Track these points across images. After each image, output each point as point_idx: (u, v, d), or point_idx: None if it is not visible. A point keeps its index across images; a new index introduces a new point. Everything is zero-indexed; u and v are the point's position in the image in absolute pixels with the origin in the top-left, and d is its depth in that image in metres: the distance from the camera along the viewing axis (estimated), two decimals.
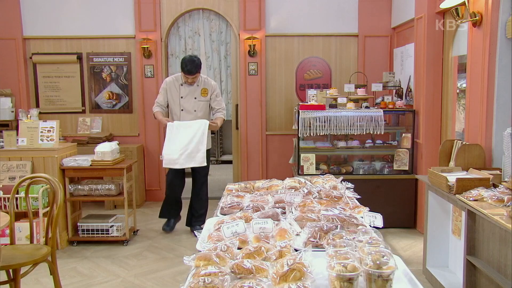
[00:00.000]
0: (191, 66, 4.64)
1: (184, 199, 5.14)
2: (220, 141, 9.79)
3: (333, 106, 5.11)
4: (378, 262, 1.63)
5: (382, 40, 6.11)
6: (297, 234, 2.10)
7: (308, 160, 5.06)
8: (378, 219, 2.24)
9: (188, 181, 5.07)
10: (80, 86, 6.34)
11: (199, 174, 4.91)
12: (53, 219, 3.20)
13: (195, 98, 4.80)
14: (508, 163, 3.16)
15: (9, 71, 6.21)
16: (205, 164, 4.69)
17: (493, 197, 2.83)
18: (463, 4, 3.68)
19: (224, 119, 4.93)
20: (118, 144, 4.90)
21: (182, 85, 4.79)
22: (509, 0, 3.37)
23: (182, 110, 4.80)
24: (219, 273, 1.64)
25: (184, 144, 4.58)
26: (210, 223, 2.36)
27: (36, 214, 4.17)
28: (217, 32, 6.35)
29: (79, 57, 6.27)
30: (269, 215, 2.28)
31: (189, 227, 5.05)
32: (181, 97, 4.80)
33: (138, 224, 5.26)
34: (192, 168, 4.81)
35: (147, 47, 6.07)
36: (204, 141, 4.65)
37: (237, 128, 6.39)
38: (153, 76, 6.20)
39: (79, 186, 4.61)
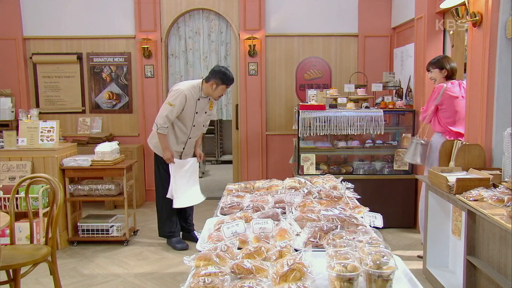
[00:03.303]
0: (232, 75, 4.37)
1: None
2: (220, 141, 9.80)
3: (333, 106, 5.11)
4: (378, 262, 1.63)
5: (382, 40, 6.11)
6: (297, 234, 2.10)
7: (308, 160, 5.07)
8: (378, 219, 2.24)
9: None
10: (80, 86, 6.34)
11: None
12: (53, 219, 3.20)
13: (205, 112, 4.47)
14: (508, 163, 3.16)
15: (9, 71, 6.21)
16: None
17: (493, 197, 2.83)
18: (463, 4, 3.68)
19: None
20: (118, 144, 4.90)
21: (199, 99, 4.35)
22: (509, 0, 3.36)
23: (194, 126, 4.43)
24: (219, 273, 1.64)
25: (184, 184, 4.43)
26: (210, 223, 2.36)
27: (36, 214, 4.17)
28: (217, 32, 6.35)
29: (79, 57, 6.27)
30: (269, 215, 2.28)
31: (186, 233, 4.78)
32: (196, 113, 4.39)
33: (138, 224, 5.26)
34: None
35: (147, 47, 6.07)
36: (198, 178, 4.59)
37: (237, 128, 6.39)
38: (153, 76, 6.20)
39: (79, 186, 4.61)
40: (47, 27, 6.22)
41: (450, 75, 4.13)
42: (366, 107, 5.05)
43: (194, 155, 4.64)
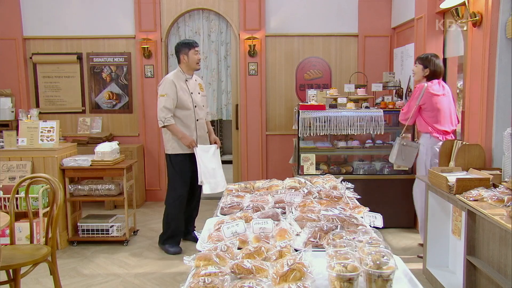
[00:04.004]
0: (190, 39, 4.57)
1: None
2: (220, 141, 9.78)
3: (333, 106, 5.11)
4: (378, 262, 1.63)
5: (382, 40, 6.11)
6: (297, 234, 2.10)
7: (308, 160, 5.06)
8: (378, 219, 2.24)
9: None
10: (80, 86, 6.34)
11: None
12: (53, 219, 3.20)
13: (199, 93, 4.49)
14: (508, 163, 3.16)
15: (9, 71, 6.21)
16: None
17: (493, 197, 2.83)
18: (463, 4, 3.68)
19: None
20: (118, 144, 4.90)
21: (187, 80, 4.40)
22: (509, 0, 3.37)
23: (195, 106, 4.40)
24: (219, 273, 1.64)
25: (212, 167, 4.37)
26: (210, 223, 2.36)
27: (36, 214, 4.17)
28: (217, 32, 6.35)
29: (79, 57, 6.27)
30: (269, 215, 2.28)
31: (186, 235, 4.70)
32: (191, 93, 4.39)
33: (138, 224, 5.26)
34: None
35: (147, 47, 6.07)
36: (221, 165, 4.54)
37: (237, 128, 6.39)
38: (153, 76, 6.19)
39: (79, 186, 4.61)
40: (47, 27, 6.22)
41: (431, 76, 4.18)
42: (366, 107, 5.05)
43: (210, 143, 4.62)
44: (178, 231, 4.48)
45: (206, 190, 4.31)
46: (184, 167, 4.38)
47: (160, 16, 6.15)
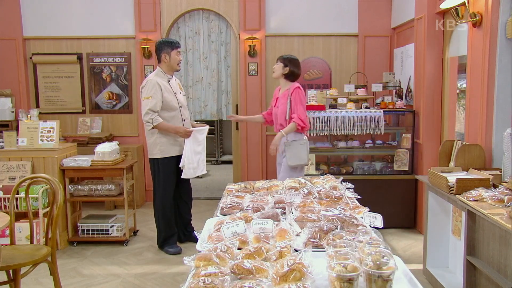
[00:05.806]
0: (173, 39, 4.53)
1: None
2: (220, 141, 9.80)
3: (333, 106, 5.12)
4: (378, 262, 1.63)
5: (382, 40, 6.11)
6: (297, 235, 2.10)
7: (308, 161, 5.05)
8: (378, 220, 2.24)
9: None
10: (80, 86, 6.34)
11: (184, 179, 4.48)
12: (53, 219, 3.20)
13: (181, 93, 4.48)
14: (508, 163, 3.17)
15: (9, 71, 6.21)
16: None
17: (493, 197, 2.83)
18: (463, 4, 3.69)
19: None
20: (118, 144, 4.90)
21: (169, 81, 4.36)
22: (509, 0, 3.37)
23: (181, 106, 4.38)
24: (219, 274, 1.64)
25: (199, 151, 4.36)
26: (210, 224, 2.36)
27: (36, 214, 4.17)
28: (217, 32, 6.35)
29: (79, 57, 6.27)
30: (269, 216, 2.28)
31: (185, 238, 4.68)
32: (175, 93, 4.36)
33: (138, 224, 5.26)
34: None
35: (147, 48, 6.07)
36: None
37: (237, 128, 6.39)
38: None
39: (79, 187, 4.61)
40: (47, 27, 6.22)
41: (290, 75, 4.31)
42: (366, 107, 5.06)
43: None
44: (172, 232, 4.47)
45: (186, 175, 4.33)
46: (171, 170, 4.36)
47: (160, 16, 6.15)
